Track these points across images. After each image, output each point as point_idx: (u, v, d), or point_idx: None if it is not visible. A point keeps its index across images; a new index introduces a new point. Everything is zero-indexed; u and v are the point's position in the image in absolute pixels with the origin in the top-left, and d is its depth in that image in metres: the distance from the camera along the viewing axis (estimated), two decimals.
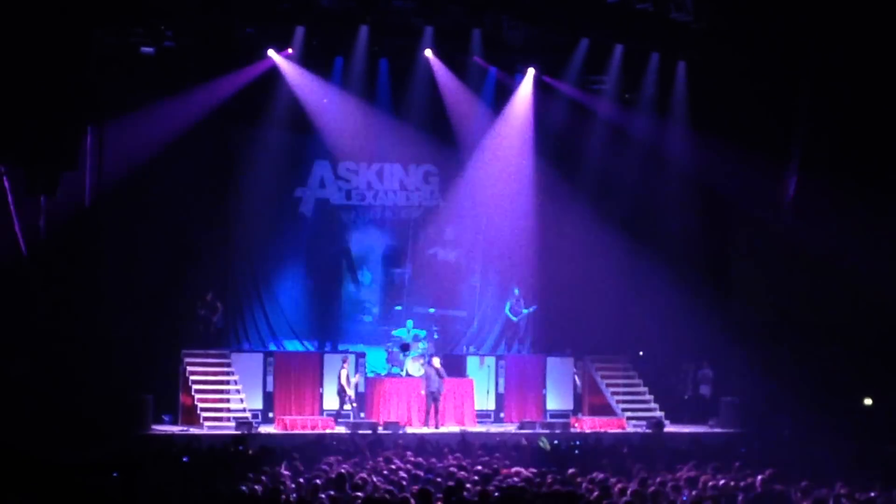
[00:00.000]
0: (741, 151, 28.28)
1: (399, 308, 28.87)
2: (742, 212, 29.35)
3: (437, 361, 26.38)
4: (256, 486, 14.10)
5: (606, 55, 28.56)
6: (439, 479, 14.74)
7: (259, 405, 26.09)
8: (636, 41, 28.14)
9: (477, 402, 27.26)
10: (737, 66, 27.64)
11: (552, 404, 28.13)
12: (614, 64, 28.65)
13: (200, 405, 25.27)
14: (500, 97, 29.29)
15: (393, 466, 16.14)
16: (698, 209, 29.34)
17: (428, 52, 27.88)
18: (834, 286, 27.57)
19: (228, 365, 26.17)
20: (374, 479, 14.62)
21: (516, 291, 29.19)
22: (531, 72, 29.13)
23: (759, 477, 14.66)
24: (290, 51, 27.05)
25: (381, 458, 17.32)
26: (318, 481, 14.39)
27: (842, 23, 25.89)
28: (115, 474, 12.95)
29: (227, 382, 25.94)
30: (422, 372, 26.71)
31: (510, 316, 29.06)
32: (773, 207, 28.57)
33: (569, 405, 28.23)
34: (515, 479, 14.83)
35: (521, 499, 12.87)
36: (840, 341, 27.28)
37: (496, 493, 13.10)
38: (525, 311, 28.99)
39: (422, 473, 15.26)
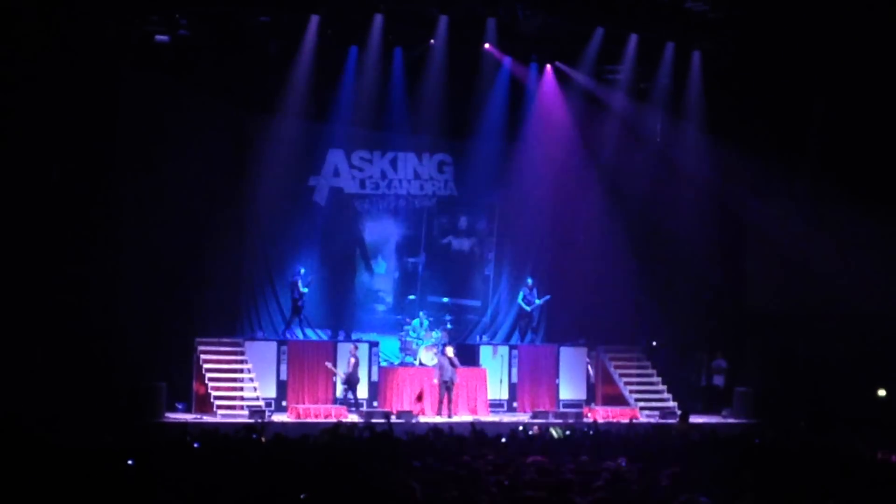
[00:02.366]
0: (756, 142, 28.25)
1: (413, 297, 28.88)
2: (757, 201, 29.30)
3: (450, 351, 26.38)
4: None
5: (621, 45, 28.50)
6: None
7: (272, 393, 26.12)
8: (651, 31, 28.08)
9: (490, 391, 27.26)
10: (752, 56, 27.57)
11: (565, 394, 28.12)
12: (629, 54, 28.58)
13: (214, 393, 25.29)
14: (514, 87, 29.22)
15: None
16: (712, 198, 29.27)
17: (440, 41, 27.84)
18: (847, 276, 27.54)
19: (242, 353, 26.19)
20: None
21: (529, 281, 29.17)
22: (546, 63, 29.11)
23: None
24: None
25: None
26: None
27: (860, 15, 25.79)
28: (129, 462, 12.95)
29: (241, 371, 25.95)
30: (435, 361, 26.73)
31: (523, 305, 29.02)
32: (787, 198, 28.55)
33: (582, 395, 28.22)
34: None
35: None
36: (854, 332, 27.27)
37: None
38: (538, 300, 28.95)
39: None
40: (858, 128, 27.06)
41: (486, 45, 28.19)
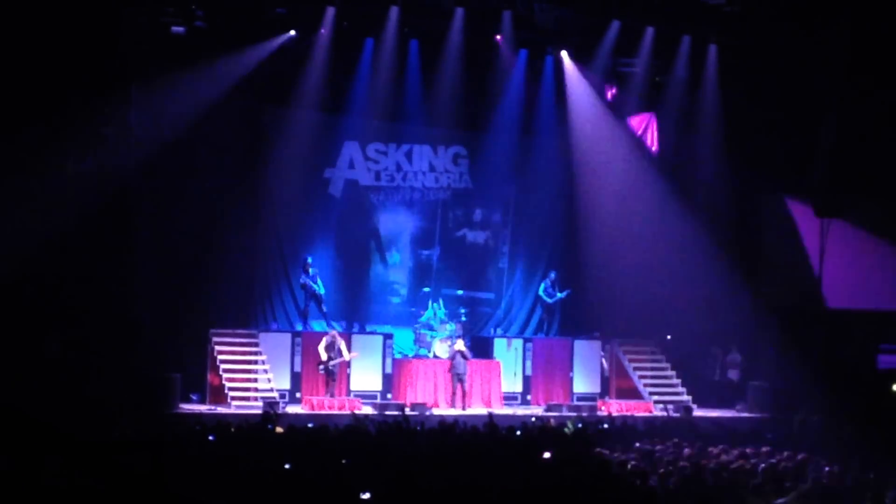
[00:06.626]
0: (771, 134, 28.20)
1: (427, 290, 28.87)
2: (773, 196, 29.24)
3: (460, 344, 26.48)
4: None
5: (637, 38, 28.43)
6: None
7: (287, 385, 26.13)
8: (667, 24, 28.02)
9: (504, 384, 27.27)
10: (769, 50, 27.50)
11: (579, 387, 28.09)
12: (645, 47, 28.51)
13: (228, 384, 25.34)
14: (529, 79, 29.19)
15: None
16: (729, 193, 29.22)
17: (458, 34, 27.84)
18: (861, 271, 27.49)
19: (256, 345, 26.22)
20: None
21: (552, 275, 29.06)
22: (562, 55, 29.06)
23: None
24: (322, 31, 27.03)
25: None
26: None
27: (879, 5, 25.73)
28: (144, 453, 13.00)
29: (255, 362, 25.99)
30: (448, 353, 26.77)
31: (544, 298, 28.93)
32: (803, 190, 28.49)
33: (596, 388, 28.19)
34: None
35: None
36: (867, 326, 27.24)
37: None
38: (560, 294, 28.82)
39: None
40: (872, 119, 26.98)
41: (498, 38, 28.15)
